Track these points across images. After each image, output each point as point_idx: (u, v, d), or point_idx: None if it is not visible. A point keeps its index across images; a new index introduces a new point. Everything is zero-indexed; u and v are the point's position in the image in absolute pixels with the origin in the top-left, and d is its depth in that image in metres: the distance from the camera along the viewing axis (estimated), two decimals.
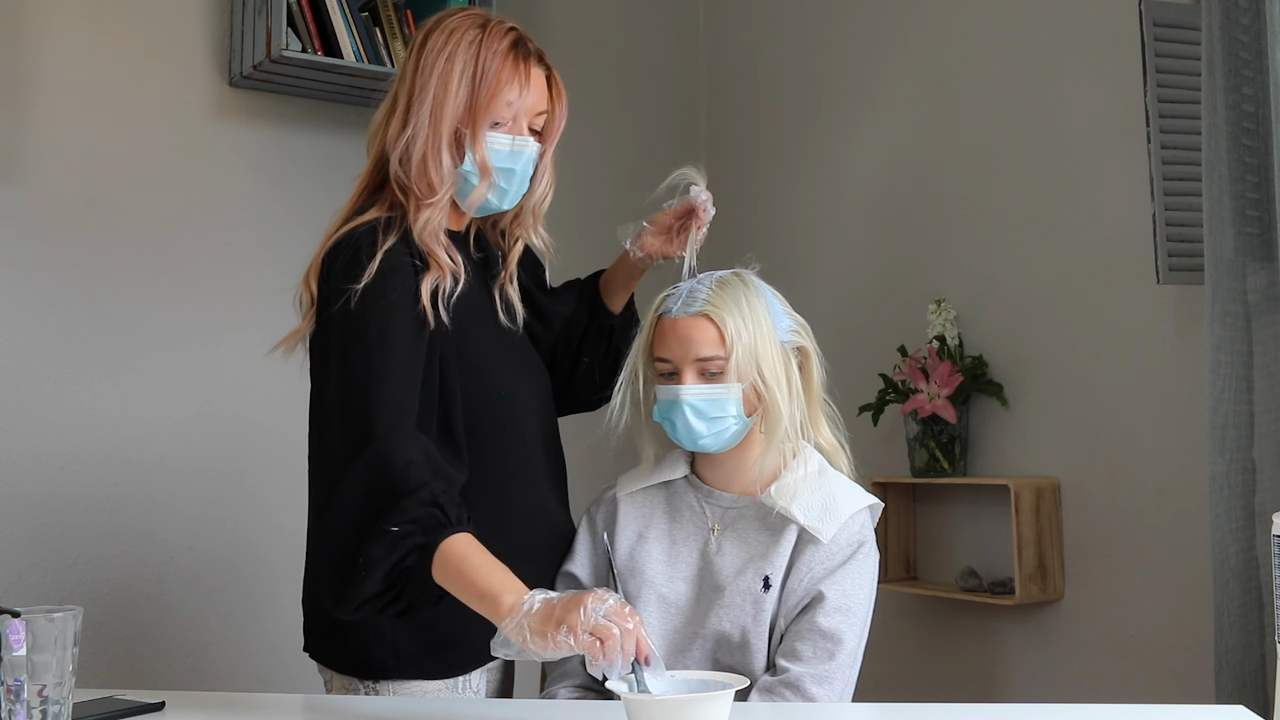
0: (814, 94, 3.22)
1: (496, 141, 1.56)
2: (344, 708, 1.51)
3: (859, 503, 1.61)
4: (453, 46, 1.54)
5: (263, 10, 2.62)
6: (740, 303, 1.57)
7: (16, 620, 1.20)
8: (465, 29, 1.56)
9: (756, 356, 1.56)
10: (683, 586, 1.60)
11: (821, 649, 1.50)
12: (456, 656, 1.58)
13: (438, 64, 1.54)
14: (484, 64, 1.53)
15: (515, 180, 1.60)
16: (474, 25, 1.56)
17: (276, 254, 2.79)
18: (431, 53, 1.55)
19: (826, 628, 1.51)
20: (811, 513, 1.56)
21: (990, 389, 2.69)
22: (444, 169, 1.54)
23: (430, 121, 1.53)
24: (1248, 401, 2.08)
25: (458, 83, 1.53)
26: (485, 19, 1.58)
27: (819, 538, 1.55)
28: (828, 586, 1.53)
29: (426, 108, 1.53)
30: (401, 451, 1.42)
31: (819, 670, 1.49)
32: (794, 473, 1.61)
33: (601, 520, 1.69)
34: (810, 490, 1.59)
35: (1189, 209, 2.25)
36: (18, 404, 2.50)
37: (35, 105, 2.55)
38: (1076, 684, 2.53)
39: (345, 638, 1.56)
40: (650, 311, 1.64)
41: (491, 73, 1.54)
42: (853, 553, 1.56)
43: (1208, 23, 2.08)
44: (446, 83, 1.53)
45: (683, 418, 1.57)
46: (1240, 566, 2.05)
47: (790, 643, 1.53)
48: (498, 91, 1.54)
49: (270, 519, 2.74)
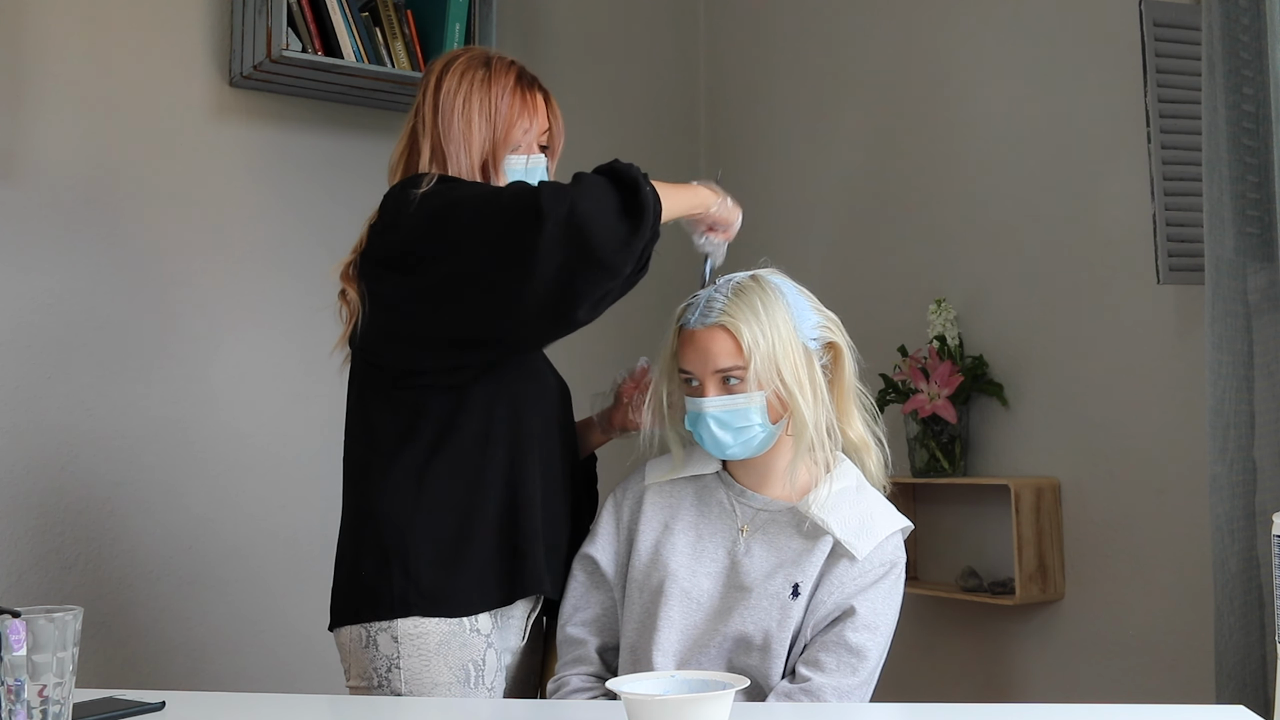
0: (814, 94, 3.22)
1: (514, 163, 1.73)
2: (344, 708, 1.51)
3: (895, 524, 1.61)
4: (467, 87, 1.71)
5: (263, 10, 2.62)
6: (757, 310, 1.57)
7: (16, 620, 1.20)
8: (474, 69, 1.72)
9: (777, 362, 1.56)
10: (706, 583, 1.60)
11: (845, 663, 1.51)
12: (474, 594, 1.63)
13: (456, 106, 1.70)
14: (496, 101, 1.71)
15: None
16: (480, 65, 1.73)
17: (276, 254, 2.79)
18: (449, 96, 1.71)
19: (854, 643, 1.52)
20: (848, 528, 1.57)
21: (990, 389, 2.69)
22: None
23: (465, 158, 1.69)
24: (1248, 401, 2.08)
25: (478, 122, 1.70)
26: (487, 56, 1.75)
27: (854, 554, 1.55)
28: (859, 602, 1.54)
29: (458, 146, 1.69)
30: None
31: (841, 683, 1.51)
32: (831, 485, 1.61)
33: (628, 508, 1.69)
34: (848, 505, 1.60)
35: (1189, 209, 2.25)
36: (18, 404, 2.50)
37: (35, 105, 2.55)
38: (1076, 684, 2.53)
39: (370, 577, 1.63)
40: (672, 322, 1.65)
41: (505, 108, 1.71)
42: (885, 572, 1.57)
43: (1208, 23, 2.08)
44: (469, 122, 1.70)
45: (708, 430, 1.58)
46: (1240, 566, 2.05)
47: (814, 653, 1.53)
48: (513, 124, 1.72)
49: (269, 520, 2.74)
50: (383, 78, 2.76)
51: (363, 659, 1.62)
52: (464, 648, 1.62)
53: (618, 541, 1.67)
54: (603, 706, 1.48)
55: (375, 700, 1.63)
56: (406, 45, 2.83)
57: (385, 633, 1.60)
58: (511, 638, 1.73)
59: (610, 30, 3.41)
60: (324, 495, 2.18)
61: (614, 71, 3.39)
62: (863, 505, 1.60)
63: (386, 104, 2.90)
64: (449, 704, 1.56)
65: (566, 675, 1.65)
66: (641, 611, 1.61)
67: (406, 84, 2.80)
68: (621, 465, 1.81)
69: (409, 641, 1.60)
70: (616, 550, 1.67)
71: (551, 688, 1.67)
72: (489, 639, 1.65)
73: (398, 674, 1.60)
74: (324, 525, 2.16)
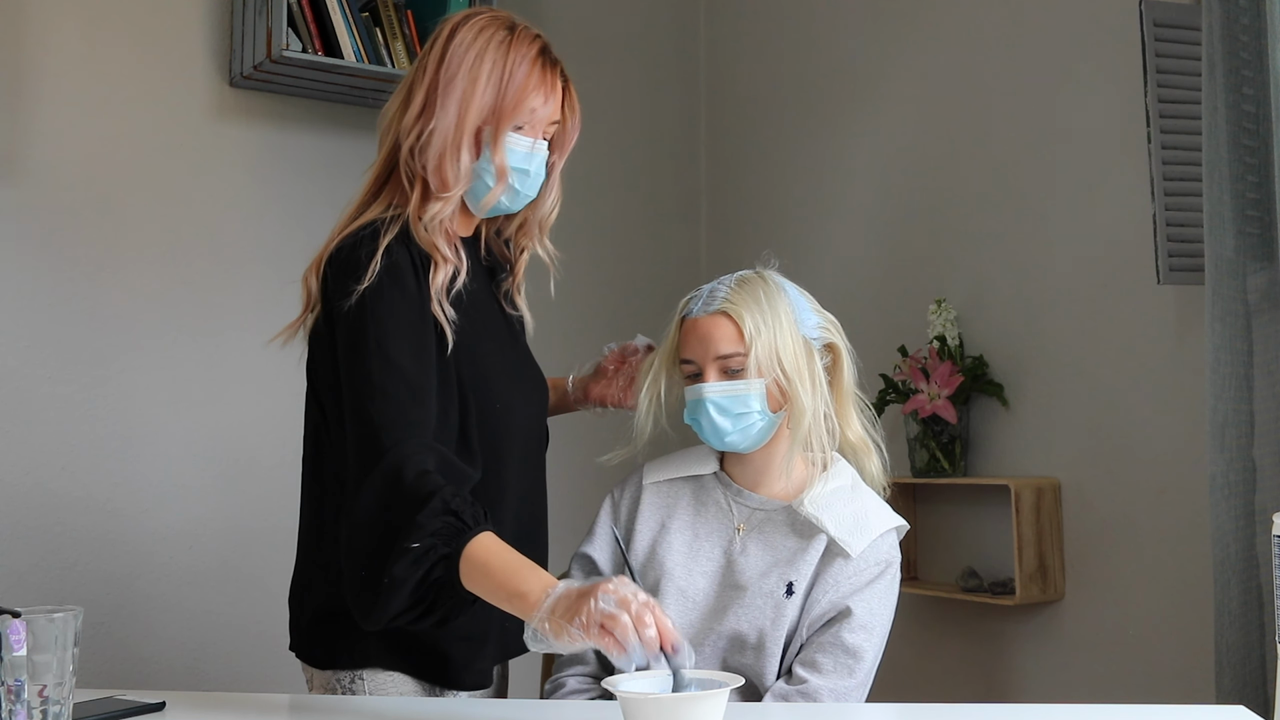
0: (814, 94, 3.22)
1: (517, 143, 1.55)
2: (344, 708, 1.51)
3: (889, 522, 1.61)
4: (482, 44, 1.53)
5: (263, 10, 2.62)
6: (759, 299, 1.58)
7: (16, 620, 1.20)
8: (495, 29, 1.55)
9: (777, 351, 1.57)
10: (702, 582, 1.60)
11: (842, 664, 1.52)
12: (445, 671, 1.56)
13: (466, 58, 1.52)
14: (512, 66, 1.53)
15: (529, 181, 1.59)
16: (503, 26, 1.56)
17: (276, 254, 2.79)
18: (460, 47, 1.53)
19: (850, 644, 1.52)
20: (843, 526, 1.57)
21: (990, 389, 2.69)
22: (461, 165, 1.52)
23: (456, 115, 1.51)
24: (1248, 401, 2.08)
25: (485, 81, 1.52)
26: (513, 21, 1.57)
27: (848, 551, 1.55)
28: (855, 602, 1.54)
29: (453, 101, 1.51)
30: (412, 461, 1.38)
31: (838, 685, 1.51)
32: (827, 484, 1.61)
33: (625, 506, 1.69)
34: (842, 503, 1.60)
35: (1189, 209, 2.25)
36: (18, 404, 2.50)
37: (35, 105, 2.55)
38: (1077, 684, 2.53)
39: (332, 628, 1.54)
40: (674, 315, 1.65)
41: (520, 76, 1.53)
42: (880, 572, 1.57)
43: (1208, 23, 2.08)
44: (475, 79, 1.52)
45: (707, 415, 1.58)
46: (1240, 566, 2.05)
47: (811, 654, 1.54)
48: (525, 95, 1.54)
49: (269, 519, 2.74)
50: (383, 78, 2.76)
51: (328, 686, 1.58)
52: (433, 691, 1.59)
53: (614, 541, 1.68)
54: (602, 706, 1.48)
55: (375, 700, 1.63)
56: (407, 45, 2.83)
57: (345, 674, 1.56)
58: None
59: (610, 30, 3.41)
60: None
61: (614, 71, 3.39)
62: (857, 504, 1.61)
63: None
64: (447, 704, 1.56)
65: (563, 676, 1.65)
66: None
67: None
68: (622, 466, 1.80)
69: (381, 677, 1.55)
70: (613, 550, 1.67)
71: (549, 689, 1.67)
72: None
73: (361, 684, 1.55)
74: None
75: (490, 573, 1.30)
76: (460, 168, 1.52)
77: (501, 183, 1.55)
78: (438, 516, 1.33)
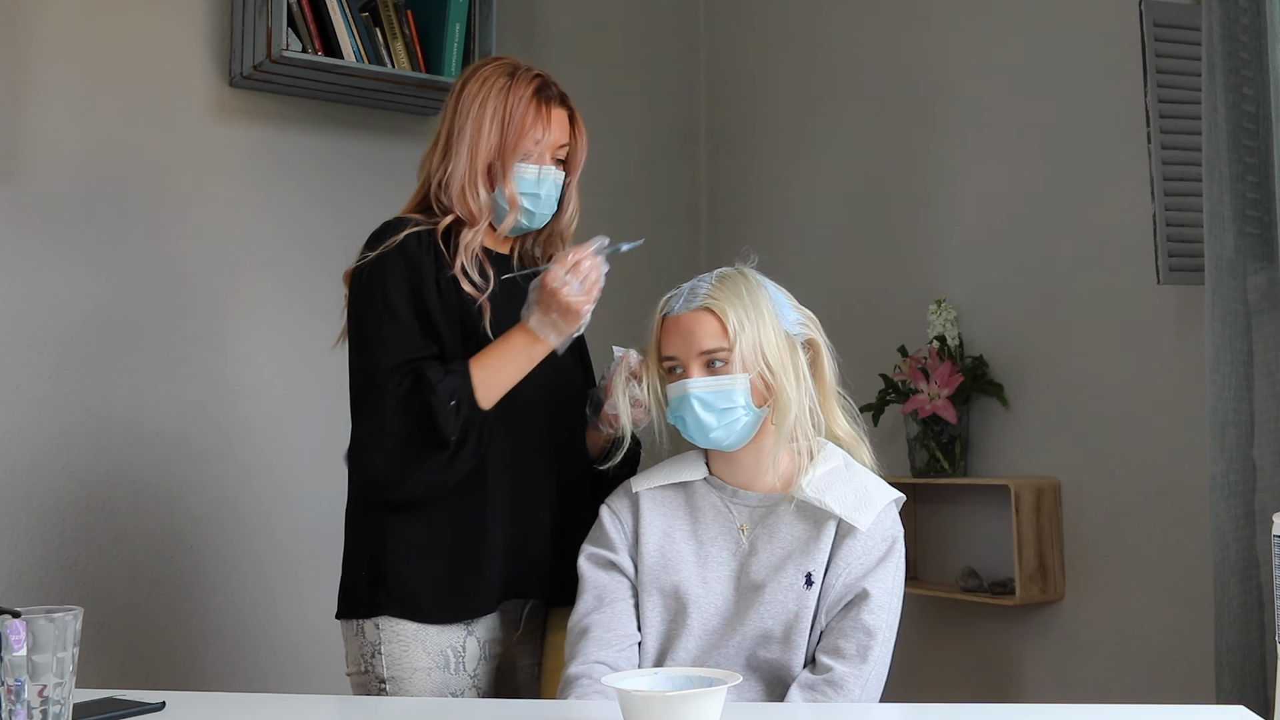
0: (813, 94, 3.22)
1: (525, 172, 1.78)
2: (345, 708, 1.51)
3: (888, 494, 1.63)
4: (485, 92, 1.78)
5: (263, 10, 2.62)
6: (741, 294, 1.59)
7: (16, 620, 1.20)
8: (496, 77, 1.80)
9: (761, 345, 1.57)
10: (718, 588, 1.59)
11: (865, 647, 1.52)
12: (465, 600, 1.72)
13: (472, 109, 1.78)
14: (511, 108, 1.77)
15: (541, 203, 1.81)
16: (504, 74, 1.80)
17: (276, 254, 2.79)
18: (468, 98, 1.79)
19: (871, 625, 1.53)
20: (846, 503, 1.58)
21: (990, 389, 2.69)
22: (480, 198, 1.77)
23: (468, 156, 1.77)
24: (1248, 401, 2.08)
25: (489, 124, 1.77)
26: (514, 67, 1.82)
27: (857, 526, 1.56)
28: (871, 584, 1.55)
29: (465, 145, 1.77)
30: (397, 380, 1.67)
31: (862, 670, 1.51)
32: (821, 467, 1.61)
33: (627, 514, 1.67)
34: (841, 483, 1.61)
35: (1189, 209, 2.25)
36: (18, 404, 2.50)
37: (35, 105, 2.55)
38: (1076, 684, 2.53)
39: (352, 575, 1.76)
40: (655, 314, 1.65)
41: (518, 116, 1.77)
42: (889, 549, 1.59)
43: (1208, 23, 2.08)
44: (480, 125, 1.77)
45: (691, 411, 1.58)
46: (1240, 566, 2.05)
47: (833, 640, 1.54)
48: (525, 132, 1.77)
49: (270, 519, 2.74)
50: (383, 78, 2.76)
51: (354, 646, 1.74)
52: (441, 633, 1.70)
53: (626, 543, 1.66)
54: (600, 705, 1.48)
55: (375, 700, 1.63)
56: (406, 45, 2.83)
57: (369, 621, 1.71)
58: (498, 627, 1.76)
59: (610, 30, 3.41)
60: (324, 495, 2.18)
61: (614, 72, 3.39)
62: (855, 481, 1.61)
63: (386, 104, 2.90)
64: (448, 704, 1.56)
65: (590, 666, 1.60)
66: (660, 622, 1.61)
67: (406, 84, 2.80)
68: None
69: (389, 627, 1.69)
70: (628, 548, 1.65)
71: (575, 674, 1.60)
72: (469, 627, 1.72)
73: (380, 660, 1.69)
74: (324, 525, 2.16)
75: (487, 365, 1.66)
76: (480, 200, 1.77)
77: (514, 210, 1.78)
78: (446, 391, 1.64)
